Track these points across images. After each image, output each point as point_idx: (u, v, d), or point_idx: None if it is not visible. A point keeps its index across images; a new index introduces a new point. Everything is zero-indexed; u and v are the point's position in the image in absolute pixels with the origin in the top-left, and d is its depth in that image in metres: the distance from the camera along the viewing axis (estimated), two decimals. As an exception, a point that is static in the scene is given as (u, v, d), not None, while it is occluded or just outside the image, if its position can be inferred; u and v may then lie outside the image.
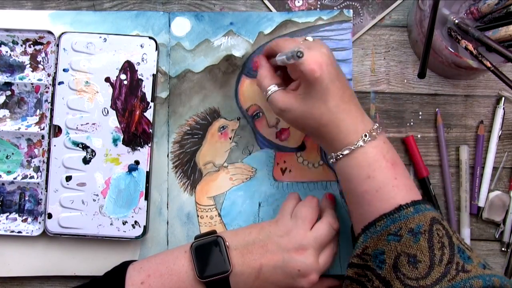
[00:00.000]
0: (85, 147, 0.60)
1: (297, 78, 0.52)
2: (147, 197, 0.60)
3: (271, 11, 0.64)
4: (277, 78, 0.53)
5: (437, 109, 0.63)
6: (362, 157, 0.49)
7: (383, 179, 0.48)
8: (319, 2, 0.64)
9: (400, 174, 0.49)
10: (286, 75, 0.55)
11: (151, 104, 0.60)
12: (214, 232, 0.55)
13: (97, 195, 0.60)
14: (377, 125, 0.51)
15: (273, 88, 0.52)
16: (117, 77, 0.60)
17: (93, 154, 0.60)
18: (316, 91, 0.48)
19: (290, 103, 0.50)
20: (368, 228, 0.48)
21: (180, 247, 0.55)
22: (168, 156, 0.62)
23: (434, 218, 0.47)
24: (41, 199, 0.61)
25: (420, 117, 0.63)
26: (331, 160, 0.51)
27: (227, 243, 0.53)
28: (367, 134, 0.49)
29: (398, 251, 0.46)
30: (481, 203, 0.62)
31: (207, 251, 0.52)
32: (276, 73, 0.55)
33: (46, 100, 0.61)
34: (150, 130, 0.60)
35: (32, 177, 0.61)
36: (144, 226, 0.59)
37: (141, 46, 0.61)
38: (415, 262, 0.45)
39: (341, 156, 0.50)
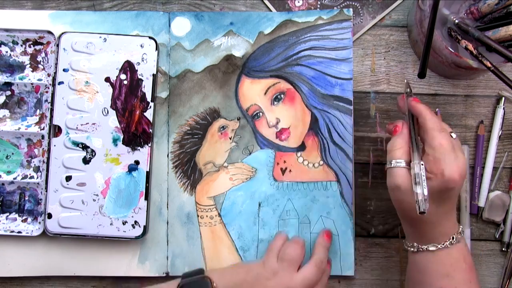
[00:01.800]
0: (85, 147, 0.60)
1: (430, 172, 0.49)
2: (147, 197, 0.60)
3: (271, 11, 0.64)
4: (409, 156, 0.50)
5: (437, 109, 0.63)
6: (446, 256, 0.50)
7: (460, 280, 0.50)
8: (319, 2, 0.64)
9: (474, 278, 0.51)
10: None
11: (151, 104, 0.60)
12: (201, 271, 0.56)
13: (97, 195, 0.60)
14: (461, 227, 0.52)
15: (402, 163, 0.50)
16: (117, 77, 0.60)
17: (93, 154, 0.60)
18: (439, 196, 0.48)
19: (407, 187, 0.49)
20: None
21: (168, 283, 0.55)
22: (168, 156, 0.62)
23: None
24: (41, 199, 0.61)
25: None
26: (411, 249, 0.52)
27: (214, 284, 0.53)
28: (454, 237, 0.50)
29: None
30: (481, 203, 0.62)
31: None
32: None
33: (46, 100, 0.61)
34: (150, 130, 0.60)
35: (32, 177, 0.61)
36: (144, 226, 0.59)
37: (141, 46, 0.61)
38: None
39: (425, 249, 0.51)
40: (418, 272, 0.52)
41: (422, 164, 0.48)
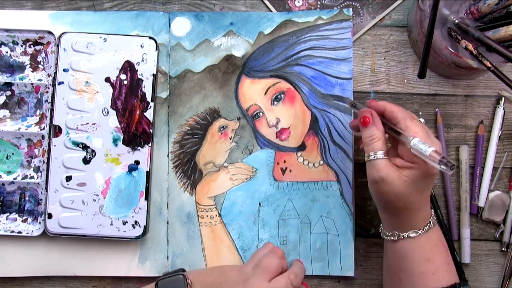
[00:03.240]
0: (85, 147, 0.60)
1: (411, 162, 0.49)
2: (147, 197, 0.60)
3: (271, 11, 0.64)
4: (386, 145, 0.51)
5: (437, 109, 0.63)
6: (426, 241, 0.51)
7: (440, 263, 0.51)
8: (319, 2, 0.64)
9: (450, 259, 0.52)
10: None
11: (151, 104, 0.60)
12: (182, 270, 0.56)
13: (97, 195, 0.60)
14: (433, 211, 0.53)
15: (380, 154, 0.50)
16: (117, 77, 0.60)
17: (93, 154, 0.60)
18: (423, 183, 0.49)
19: (392, 178, 0.49)
20: None
21: (147, 286, 0.55)
22: (168, 156, 0.62)
23: None
24: (41, 199, 0.61)
25: (420, 117, 0.63)
26: (391, 238, 0.52)
27: (189, 281, 0.53)
28: (431, 221, 0.51)
29: None
30: (481, 203, 0.62)
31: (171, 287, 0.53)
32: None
33: (46, 100, 0.61)
34: (150, 130, 0.60)
35: (32, 177, 0.61)
36: (144, 226, 0.59)
37: (141, 46, 0.61)
38: None
39: (406, 237, 0.51)
40: (398, 260, 0.52)
41: (413, 138, 0.48)
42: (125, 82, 0.60)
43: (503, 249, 0.62)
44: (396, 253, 0.52)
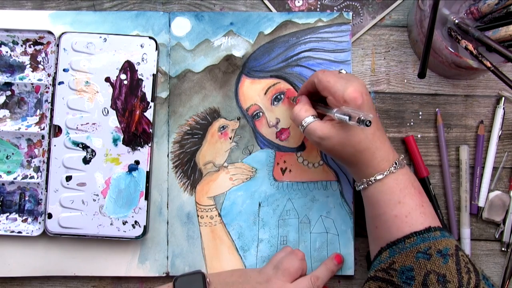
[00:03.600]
0: (85, 147, 0.60)
1: (336, 106, 0.51)
2: (147, 197, 0.60)
3: (271, 11, 0.64)
4: (312, 110, 0.54)
5: (437, 109, 0.63)
6: (394, 183, 0.51)
7: (412, 205, 0.50)
8: (319, 2, 0.64)
9: (425, 202, 0.51)
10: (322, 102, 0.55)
11: (151, 104, 0.60)
12: (199, 271, 0.57)
13: (97, 195, 0.60)
14: (402, 155, 0.53)
15: (309, 119, 0.52)
16: (117, 77, 0.60)
17: (93, 154, 0.60)
18: None
19: (329, 132, 0.51)
20: (395, 244, 0.49)
21: (164, 285, 0.56)
22: (168, 156, 0.62)
23: (457, 246, 0.50)
24: (41, 199, 0.61)
25: (420, 117, 0.63)
26: (362, 186, 0.52)
27: (208, 279, 0.54)
28: (397, 162, 0.51)
29: (428, 269, 0.47)
30: (481, 203, 0.62)
31: (188, 285, 0.54)
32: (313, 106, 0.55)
33: (46, 100, 0.61)
34: (150, 130, 0.60)
35: (32, 177, 0.61)
36: (144, 226, 0.59)
37: (141, 46, 0.61)
38: (445, 282, 0.46)
39: (374, 181, 0.51)
40: (372, 207, 0.52)
41: (339, 107, 0.50)
42: (125, 82, 0.60)
43: (503, 249, 0.62)
44: (369, 201, 0.53)
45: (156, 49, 0.61)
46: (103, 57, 0.60)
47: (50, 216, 0.59)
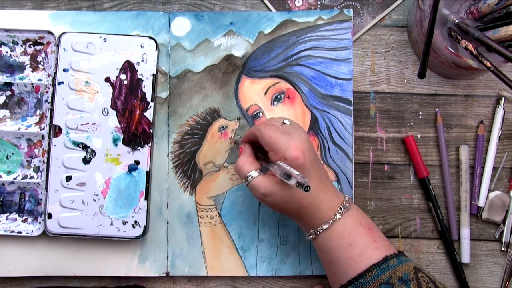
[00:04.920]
0: (85, 147, 0.60)
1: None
2: (147, 197, 0.60)
3: (271, 11, 0.64)
4: (256, 164, 0.53)
5: (437, 109, 0.63)
6: (342, 228, 0.51)
7: (364, 244, 0.50)
8: (319, 2, 0.64)
9: (377, 236, 0.52)
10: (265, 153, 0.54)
11: (151, 104, 0.60)
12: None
13: (97, 195, 0.60)
14: (348, 196, 0.53)
15: (253, 173, 0.51)
16: (117, 77, 0.60)
17: (93, 154, 0.60)
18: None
19: (272, 189, 0.50)
20: (357, 280, 0.49)
21: None
22: (168, 156, 0.62)
23: (416, 268, 0.50)
24: (41, 199, 0.61)
25: (420, 117, 0.63)
26: (310, 236, 0.52)
27: None
28: (342, 207, 0.51)
29: None
30: (481, 203, 0.62)
31: None
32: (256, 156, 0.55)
33: (46, 100, 0.61)
34: (150, 130, 0.60)
35: (32, 177, 0.61)
36: (144, 226, 0.59)
37: (141, 46, 0.61)
38: None
39: (321, 231, 0.51)
40: (325, 254, 0.52)
41: (278, 164, 0.49)
42: (125, 82, 0.60)
43: (503, 249, 0.62)
44: (320, 249, 0.53)
45: (156, 49, 0.61)
46: (103, 57, 0.60)
47: (50, 216, 0.59)
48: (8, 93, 0.62)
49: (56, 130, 0.60)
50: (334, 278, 0.52)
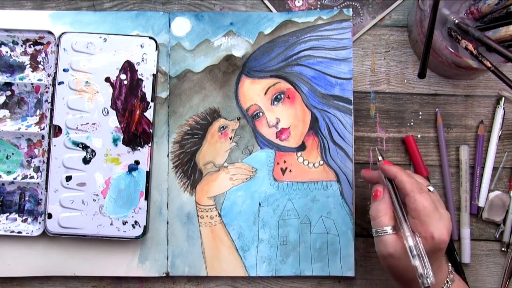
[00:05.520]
0: (85, 147, 0.60)
1: (419, 235, 0.49)
2: (147, 197, 0.60)
3: (271, 11, 0.64)
4: (394, 220, 0.51)
5: (437, 109, 0.63)
6: None
7: None
8: (319, 2, 0.64)
9: None
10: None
11: (151, 104, 0.60)
12: None
13: (97, 195, 0.60)
14: (450, 265, 0.53)
15: (389, 230, 0.50)
16: (117, 77, 0.60)
17: (93, 154, 0.60)
18: (431, 255, 0.48)
19: (400, 254, 0.49)
20: None
21: None
22: (168, 156, 0.62)
23: None
24: (41, 199, 0.61)
25: (420, 117, 0.63)
26: None
27: None
28: (448, 280, 0.51)
29: None
30: (481, 203, 0.62)
31: None
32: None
33: (46, 100, 0.61)
34: (150, 130, 0.60)
35: (32, 177, 0.61)
36: (144, 226, 0.59)
37: (141, 46, 0.61)
38: None
39: None
40: None
41: (418, 236, 0.48)
42: (125, 82, 0.60)
43: (503, 249, 0.62)
44: None
45: (156, 49, 0.61)
46: (103, 57, 0.60)
47: (50, 216, 0.59)
48: (8, 93, 0.62)
49: (56, 130, 0.60)
50: None
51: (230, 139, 0.62)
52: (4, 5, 0.64)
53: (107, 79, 0.60)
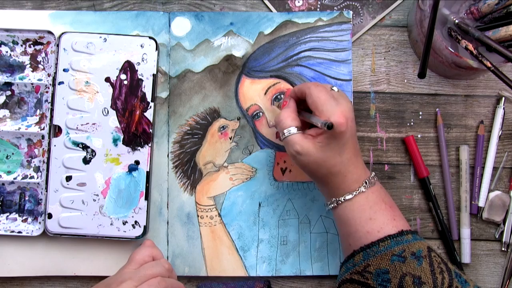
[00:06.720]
0: (85, 147, 0.60)
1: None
2: (147, 197, 0.60)
3: (271, 11, 0.64)
4: (298, 121, 0.53)
5: (437, 109, 0.63)
6: (364, 201, 0.51)
7: (384, 220, 0.51)
8: (319, 2, 0.64)
9: (397, 215, 0.52)
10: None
11: (151, 104, 0.60)
12: None
13: (97, 195, 0.60)
14: (374, 173, 0.54)
15: (293, 129, 0.52)
16: (117, 77, 0.60)
17: (93, 154, 0.60)
18: (336, 143, 0.51)
19: (308, 149, 0.51)
20: (369, 247, 0.50)
21: None
22: (168, 156, 0.62)
23: (429, 247, 0.50)
24: (41, 199, 0.61)
25: (420, 117, 0.63)
26: (331, 205, 0.53)
27: None
28: (367, 181, 0.52)
29: (403, 271, 0.48)
30: (481, 203, 0.62)
31: None
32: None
33: (46, 100, 0.61)
34: (150, 130, 0.60)
35: (32, 177, 0.61)
36: (144, 226, 0.59)
37: (141, 46, 0.61)
38: (420, 283, 0.47)
39: (343, 200, 0.52)
40: (344, 225, 0.53)
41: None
42: (125, 82, 0.60)
43: (503, 249, 0.62)
44: (340, 219, 0.53)
45: (156, 49, 0.61)
46: (103, 57, 0.60)
47: (50, 216, 0.59)
48: (8, 93, 0.62)
49: (56, 130, 0.60)
50: (350, 250, 0.52)
51: (230, 139, 0.62)
52: (4, 5, 0.64)
53: (107, 79, 0.60)
